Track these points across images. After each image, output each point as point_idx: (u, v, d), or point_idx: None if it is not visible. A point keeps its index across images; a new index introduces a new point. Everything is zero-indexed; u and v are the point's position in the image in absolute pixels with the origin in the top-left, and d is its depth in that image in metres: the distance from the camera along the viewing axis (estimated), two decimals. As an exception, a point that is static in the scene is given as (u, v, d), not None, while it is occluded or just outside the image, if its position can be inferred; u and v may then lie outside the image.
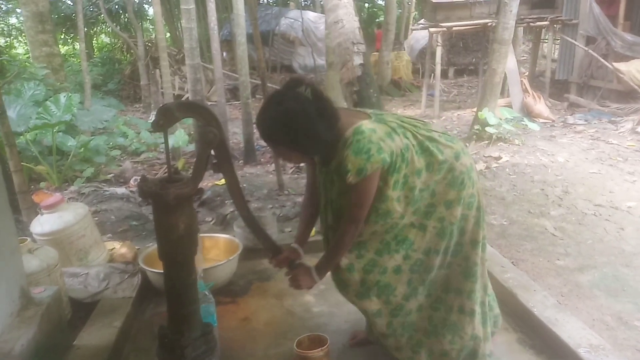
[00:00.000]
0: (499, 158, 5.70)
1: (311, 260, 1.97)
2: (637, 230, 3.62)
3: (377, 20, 18.54)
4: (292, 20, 14.11)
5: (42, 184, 5.11)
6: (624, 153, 5.73)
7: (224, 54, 12.33)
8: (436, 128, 1.92)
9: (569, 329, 2.16)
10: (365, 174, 1.65)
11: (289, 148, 1.73)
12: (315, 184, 1.99)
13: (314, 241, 3.20)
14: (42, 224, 2.80)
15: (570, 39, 9.21)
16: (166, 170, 1.71)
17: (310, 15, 14.73)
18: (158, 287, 2.63)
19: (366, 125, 1.70)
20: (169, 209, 1.63)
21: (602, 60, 8.39)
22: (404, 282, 1.88)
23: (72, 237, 2.81)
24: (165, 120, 1.59)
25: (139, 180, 1.69)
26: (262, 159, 6.10)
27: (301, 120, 1.64)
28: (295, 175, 5.14)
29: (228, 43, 12.67)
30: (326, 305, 2.63)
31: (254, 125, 6.98)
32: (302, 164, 1.92)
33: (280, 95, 1.69)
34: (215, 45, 6.22)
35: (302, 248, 2.03)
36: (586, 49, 8.84)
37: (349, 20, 4.85)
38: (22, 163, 3.75)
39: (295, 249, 2.02)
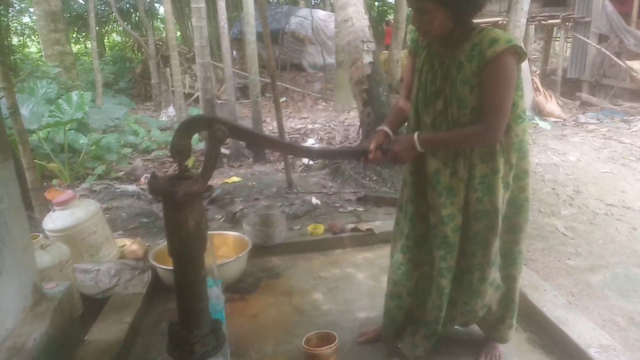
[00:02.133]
0: (510, 157, 5.66)
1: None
2: (650, 230, 3.58)
3: (386, 18, 18.48)
4: (302, 18, 14.13)
5: (55, 181, 5.16)
6: (636, 152, 5.66)
7: (234, 52, 12.36)
8: None
9: (579, 329, 2.15)
10: (513, 43, 1.62)
11: (443, 5, 1.63)
12: (412, 83, 1.92)
13: (322, 239, 3.24)
14: (54, 221, 2.83)
15: (582, 37, 9.12)
16: (176, 168, 1.72)
17: (320, 13, 14.73)
18: (168, 283, 2.65)
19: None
20: (179, 206, 1.64)
21: (615, 58, 8.30)
22: None
23: (83, 234, 2.84)
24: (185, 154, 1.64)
25: (149, 178, 1.70)
26: (271, 157, 6.11)
27: None
28: (305, 174, 5.15)
29: (238, 42, 12.70)
30: (335, 303, 2.63)
31: (264, 124, 7.05)
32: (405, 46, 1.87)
33: None
34: (226, 43, 6.25)
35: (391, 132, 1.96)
36: (598, 47, 8.74)
37: (359, 18, 4.84)
38: (34, 160, 3.80)
39: (385, 131, 1.94)
